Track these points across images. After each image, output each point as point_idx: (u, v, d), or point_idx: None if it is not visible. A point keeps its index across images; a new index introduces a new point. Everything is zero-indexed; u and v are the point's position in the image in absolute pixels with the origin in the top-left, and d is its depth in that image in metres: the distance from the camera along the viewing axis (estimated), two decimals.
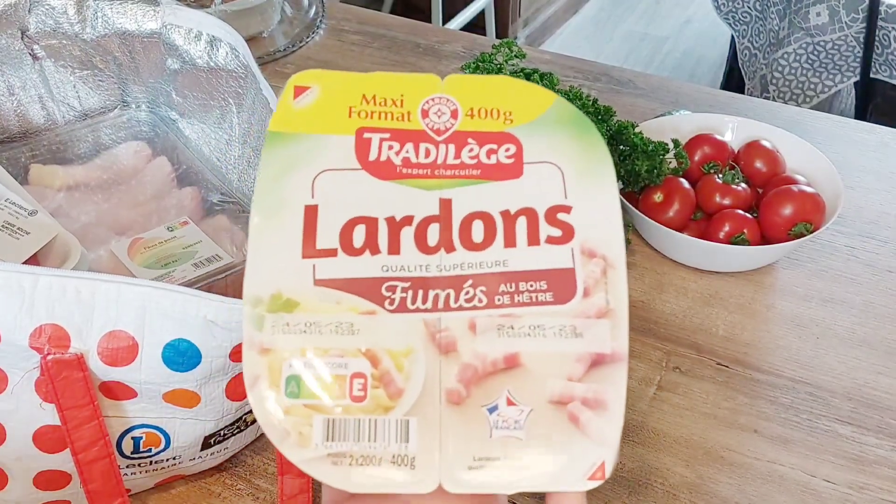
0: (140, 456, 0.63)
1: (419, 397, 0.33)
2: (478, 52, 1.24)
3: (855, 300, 0.88)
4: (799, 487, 0.72)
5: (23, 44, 0.79)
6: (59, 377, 0.55)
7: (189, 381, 0.59)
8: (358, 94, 0.39)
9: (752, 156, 0.95)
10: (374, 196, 0.36)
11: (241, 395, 0.62)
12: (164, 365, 0.57)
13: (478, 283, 0.35)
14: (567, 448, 0.33)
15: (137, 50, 0.80)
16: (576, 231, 0.35)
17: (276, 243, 0.35)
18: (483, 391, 0.33)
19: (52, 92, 0.83)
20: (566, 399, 0.33)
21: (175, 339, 0.56)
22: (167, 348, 0.56)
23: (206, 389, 0.60)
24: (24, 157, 0.82)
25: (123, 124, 0.84)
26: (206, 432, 0.64)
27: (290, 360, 0.33)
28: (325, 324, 0.34)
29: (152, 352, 0.56)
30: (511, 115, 0.38)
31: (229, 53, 0.75)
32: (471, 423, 0.33)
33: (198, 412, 0.62)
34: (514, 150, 0.37)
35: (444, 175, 0.37)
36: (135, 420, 0.61)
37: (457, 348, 0.34)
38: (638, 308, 0.87)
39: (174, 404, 0.60)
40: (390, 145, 0.37)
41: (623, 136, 0.88)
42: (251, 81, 0.74)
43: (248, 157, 0.76)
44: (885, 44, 1.86)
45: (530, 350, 0.34)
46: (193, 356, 0.57)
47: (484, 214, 0.36)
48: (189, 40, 0.76)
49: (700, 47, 3.13)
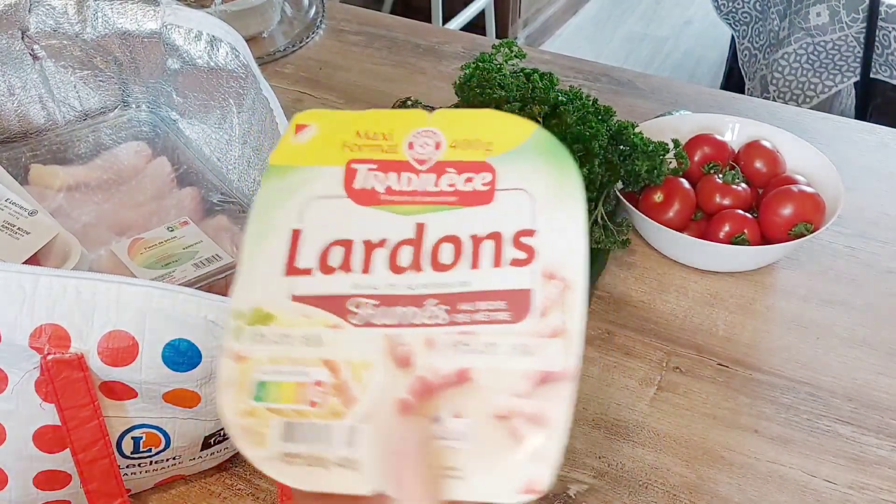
0: (140, 456, 0.63)
1: (372, 406, 0.35)
2: (478, 52, 1.23)
3: (855, 301, 0.88)
4: (799, 488, 0.72)
5: (23, 44, 0.79)
6: (60, 377, 0.55)
7: (189, 381, 0.59)
8: (352, 131, 0.41)
9: (753, 156, 0.95)
10: (354, 221, 0.39)
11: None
12: (164, 365, 0.57)
13: (441, 302, 0.37)
14: (504, 461, 0.34)
15: (138, 50, 0.80)
16: (538, 254, 0.37)
17: (262, 263, 0.38)
18: (432, 403, 0.35)
19: (53, 92, 0.83)
20: (510, 414, 0.35)
21: (175, 338, 0.56)
22: (167, 348, 0.56)
23: (207, 389, 0.60)
24: (24, 157, 0.82)
25: (124, 124, 0.84)
26: (206, 432, 0.64)
27: (261, 368, 0.36)
28: (295, 336, 0.36)
29: (152, 352, 0.56)
30: (491, 146, 0.40)
31: (229, 53, 0.75)
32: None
33: (198, 412, 0.62)
34: (490, 178, 0.39)
35: (423, 201, 0.39)
36: (135, 420, 0.61)
37: (413, 362, 0.36)
38: (638, 308, 0.87)
39: (174, 404, 0.60)
40: (375, 175, 0.40)
41: (623, 137, 0.88)
42: (251, 82, 0.74)
43: (249, 157, 0.76)
44: (886, 44, 1.86)
45: (481, 366, 0.35)
46: (194, 356, 0.57)
47: (454, 238, 0.38)
48: (189, 40, 0.76)
49: (700, 48, 3.13)
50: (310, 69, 1.23)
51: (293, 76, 1.22)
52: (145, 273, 0.68)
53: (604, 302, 0.88)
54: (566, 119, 0.86)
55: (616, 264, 0.92)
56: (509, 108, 0.87)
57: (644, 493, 0.71)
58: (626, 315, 0.86)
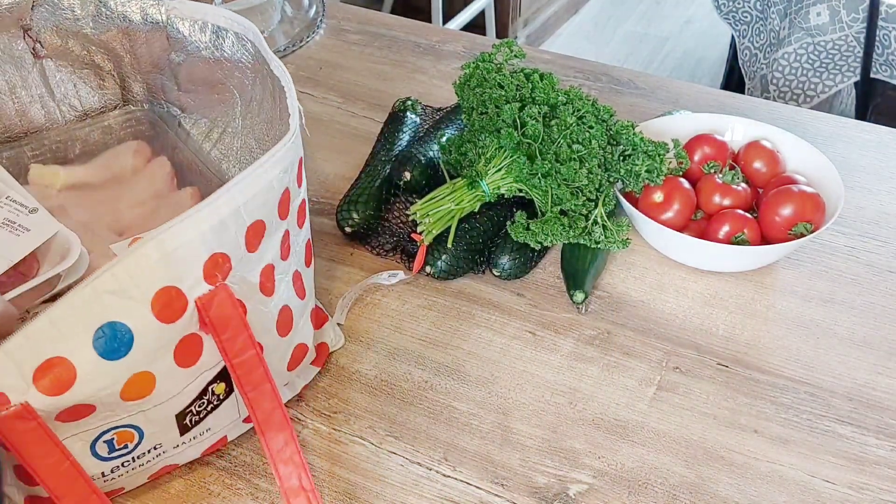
0: (119, 454, 0.63)
1: None
2: (478, 51, 1.24)
3: (855, 300, 0.88)
4: (799, 488, 0.72)
5: (24, 42, 0.79)
6: (14, 434, 0.54)
7: (136, 362, 0.57)
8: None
9: (753, 156, 0.95)
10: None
11: (192, 360, 0.61)
12: (102, 360, 0.55)
13: None
14: None
15: (141, 44, 0.80)
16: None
17: None
18: None
19: (53, 91, 0.83)
20: None
21: (97, 328, 0.54)
22: (97, 343, 0.54)
23: (157, 366, 0.59)
24: (25, 156, 0.83)
25: (123, 124, 0.84)
26: (174, 411, 0.63)
27: None
28: None
29: (85, 357, 0.55)
30: None
31: (235, 43, 0.74)
32: None
33: (158, 393, 0.60)
34: None
35: None
36: (102, 427, 0.60)
37: None
38: (638, 308, 0.87)
39: (134, 398, 0.59)
40: None
41: (623, 136, 0.88)
42: (257, 71, 0.74)
43: (251, 146, 0.76)
44: (886, 44, 1.86)
45: None
46: (123, 334, 0.55)
47: None
48: (195, 31, 0.75)
49: (700, 47, 3.13)
50: (310, 69, 1.23)
51: (293, 76, 1.21)
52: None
53: (604, 302, 0.88)
54: (566, 119, 0.86)
55: (616, 264, 0.92)
56: (509, 108, 0.87)
57: (644, 492, 0.71)
58: (626, 315, 0.86)
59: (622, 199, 0.89)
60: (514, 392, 0.79)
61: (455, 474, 0.73)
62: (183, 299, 0.58)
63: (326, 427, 0.76)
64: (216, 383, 0.66)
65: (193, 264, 0.58)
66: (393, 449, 0.74)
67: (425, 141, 0.99)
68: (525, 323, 0.86)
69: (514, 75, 0.92)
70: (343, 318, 0.85)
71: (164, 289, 0.57)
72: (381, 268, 0.91)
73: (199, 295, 0.59)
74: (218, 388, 0.66)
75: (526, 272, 0.90)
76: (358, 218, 0.93)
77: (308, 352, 0.75)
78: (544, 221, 0.87)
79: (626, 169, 0.88)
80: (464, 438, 0.75)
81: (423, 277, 0.90)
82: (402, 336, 0.84)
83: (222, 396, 0.67)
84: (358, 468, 0.73)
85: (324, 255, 0.93)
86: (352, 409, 0.78)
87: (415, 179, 0.94)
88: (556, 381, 0.80)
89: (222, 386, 0.66)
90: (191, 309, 0.59)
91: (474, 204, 0.89)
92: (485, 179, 0.88)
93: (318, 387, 0.79)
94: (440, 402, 0.78)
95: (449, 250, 0.88)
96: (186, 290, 0.58)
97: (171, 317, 0.58)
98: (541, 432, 0.76)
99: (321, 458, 0.74)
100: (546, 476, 0.72)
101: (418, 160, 0.95)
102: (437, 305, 0.87)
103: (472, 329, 0.85)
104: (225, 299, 0.60)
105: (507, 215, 0.92)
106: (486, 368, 0.81)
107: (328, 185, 1.02)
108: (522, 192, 0.89)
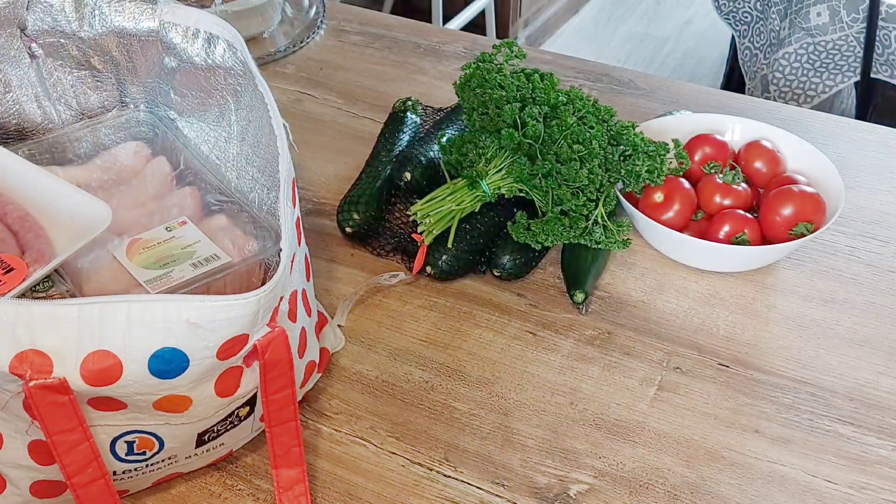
0: (135, 458, 0.63)
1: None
2: (478, 52, 1.24)
3: (856, 300, 0.88)
4: (800, 487, 0.72)
5: (21, 42, 0.79)
6: (44, 403, 0.54)
7: (179, 386, 0.58)
8: None
9: (753, 156, 0.95)
10: None
11: (230, 391, 0.62)
12: (151, 375, 0.56)
13: None
14: None
15: (135, 49, 0.80)
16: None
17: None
18: None
19: (49, 91, 0.83)
20: None
21: (160, 349, 0.56)
22: (153, 360, 0.56)
23: (197, 391, 0.60)
24: (23, 157, 0.82)
25: (122, 124, 0.84)
26: (198, 430, 0.64)
27: None
28: None
29: (137, 367, 0.56)
30: None
31: (227, 51, 0.75)
32: None
33: (189, 414, 0.61)
34: None
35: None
36: (126, 427, 0.61)
37: None
38: (638, 308, 0.87)
39: (165, 411, 0.60)
40: None
41: (623, 137, 0.88)
42: (248, 78, 0.74)
43: (247, 154, 0.76)
44: (886, 44, 1.86)
45: None
46: (180, 361, 0.57)
47: None
48: (187, 38, 0.76)
49: (701, 47, 3.13)
50: (310, 69, 1.23)
51: (294, 76, 1.22)
52: (143, 273, 0.68)
53: (604, 302, 0.88)
54: (566, 119, 0.86)
55: (616, 264, 0.92)
56: (510, 108, 0.87)
57: (644, 493, 0.71)
58: (626, 315, 0.86)
59: (623, 200, 0.89)
60: (515, 392, 0.79)
61: (456, 475, 0.72)
62: (246, 340, 0.59)
63: (327, 428, 0.76)
64: (243, 408, 0.66)
65: (269, 311, 0.60)
66: (394, 449, 0.74)
67: (426, 141, 0.99)
68: (525, 323, 0.85)
69: (515, 76, 0.92)
70: (344, 319, 0.85)
71: (238, 336, 0.58)
72: (381, 268, 0.91)
73: (259, 337, 0.60)
74: (242, 412, 0.67)
75: (526, 272, 0.90)
76: (358, 218, 0.93)
77: (316, 367, 0.76)
78: (545, 222, 0.87)
79: (627, 169, 0.88)
80: (464, 439, 0.75)
81: (423, 278, 0.90)
82: (402, 337, 0.84)
83: (243, 417, 0.68)
84: (359, 469, 0.73)
85: (324, 255, 0.92)
86: (353, 410, 0.77)
87: (415, 180, 0.94)
88: (556, 382, 0.80)
89: (246, 409, 0.67)
90: (248, 349, 0.60)
91: (475, 204, 0.89)
92: (485, 180, 0.88)
93: (319, 388, 0.79)
94: (441, 403, 0.78)
95: (449, 251, 0.88)
96: (252, 333, 0.59)
97: (229, 355, 0.59)
98: (541, 432, 0.76)
99: (322, 459, 0.73)
100: (547, 476, 0.72)
101: (419, 160, 0.95)
102: (437, 306, 0.87)
103: (472, 329, 0.85)
104: (281, 342, 0.61)
105: (507, 216, 0.92)
106: (487, 369, 0.81)
107: (328, 185, 1.02)
108: (523, 193, 0.89)
